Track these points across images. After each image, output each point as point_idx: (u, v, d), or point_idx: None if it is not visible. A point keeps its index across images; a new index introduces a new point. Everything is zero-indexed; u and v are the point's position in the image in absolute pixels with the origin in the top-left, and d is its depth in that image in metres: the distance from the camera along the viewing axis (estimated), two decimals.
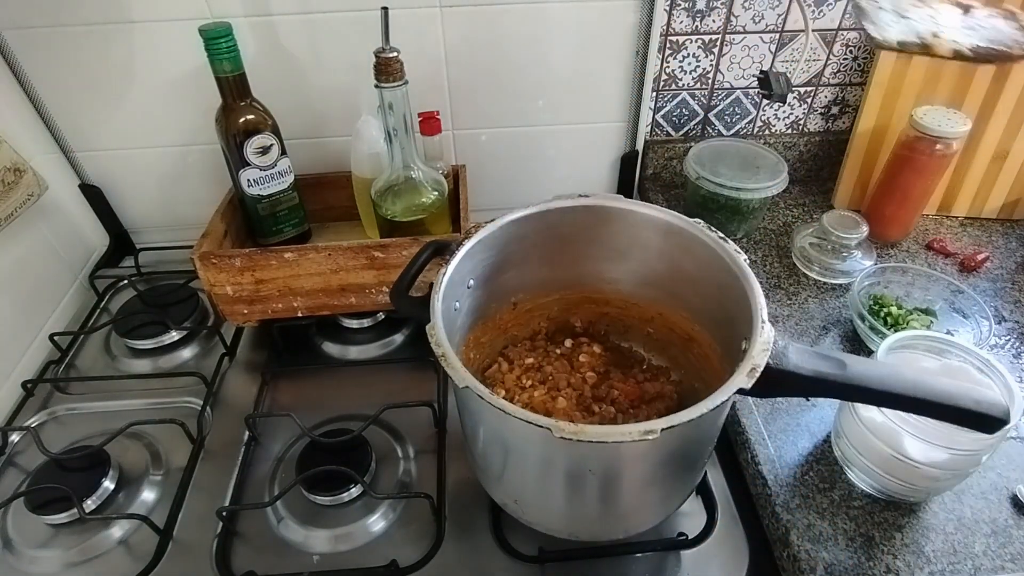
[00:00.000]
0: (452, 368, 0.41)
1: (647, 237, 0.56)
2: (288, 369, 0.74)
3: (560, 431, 0.36)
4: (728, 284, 0.49)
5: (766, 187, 0.77)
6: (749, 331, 0.44)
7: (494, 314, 0.60)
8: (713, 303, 0.53)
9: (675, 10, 0.79)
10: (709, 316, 0.55)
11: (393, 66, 0.62)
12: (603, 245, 0.58)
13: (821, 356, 0.42)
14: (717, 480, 0.61)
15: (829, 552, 0.50)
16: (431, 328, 0.43)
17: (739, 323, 0.47)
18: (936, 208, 0.87)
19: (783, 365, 0.41)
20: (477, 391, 0.39)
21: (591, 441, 0.37)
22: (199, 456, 0.64)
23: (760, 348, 0.41)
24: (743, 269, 0.48)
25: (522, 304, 0.61)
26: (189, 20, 0.70)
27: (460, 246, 0.50)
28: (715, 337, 0.55)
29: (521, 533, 0.55)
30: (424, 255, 0.52)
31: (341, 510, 0.59)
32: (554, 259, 0.59)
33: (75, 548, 0.57)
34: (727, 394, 0.39)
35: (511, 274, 0.58)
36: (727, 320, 0.50)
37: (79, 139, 0.81)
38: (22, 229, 0.76)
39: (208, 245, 0.69)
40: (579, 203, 0.55)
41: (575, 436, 0.36)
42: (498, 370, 0.62)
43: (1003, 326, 0.70)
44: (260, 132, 0.70)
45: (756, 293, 0.46)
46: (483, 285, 0.55)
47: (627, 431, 0.36)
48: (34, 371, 0.74)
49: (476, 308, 0.56)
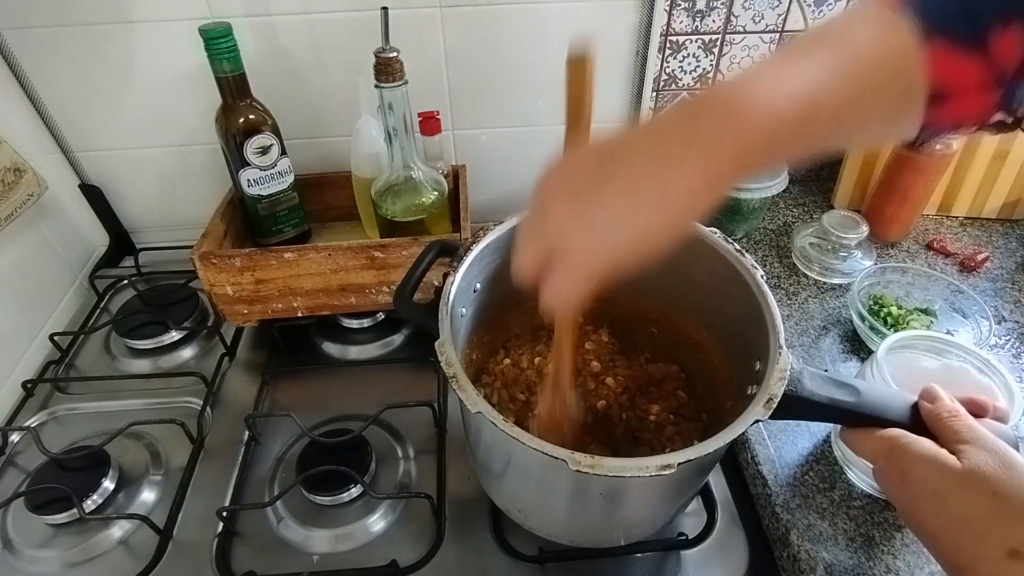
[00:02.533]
0: (464, 391, 0.40)
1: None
2: (288, 369, 0.74)
3: (576, 464, 0.36)
4: (741, 299, 0.48)
5: (766, 187, 0.77)
6: (763, 352, 0.43)
7: (498, 314, 0.59)
8: (723, 314, 0.52)
9: (675, 10, 0.79)
10: (719, 326, 0.54)
11: (393, 66, 0.62)
12: None
13: (835, 383, 0.42)
14: (717, 480, 0.61)
15: (829, 552, 0.50)
16: (440, 346, 0.42)
17: (751, 340, 0.46)
18: (936, 208, 0.87)
19: (798, 392, 0.41)
20: (490, 417, 0.38)
21: (607, 476, 0.36)
22: (199, 456, 0.64)
23: (777, 377, 0.40)
24: (760, 286, 0.47)
25: (526, 303, 0.61)
26: (189, 20, 0.70)
27: (468, 251, 0.49)
28: (722, 347, 0.54)
29: (521, 533, 0.55)
30: (428, 257, 0.51)
31: (341, 510, 0.59)
32: None
33: (75, 548, 0.57)
34: (744, 427, 0.38)
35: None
36: (738, 333, 0.49)
37: (79, 139, 0.81)
38: (22, 229, 0.76)
39: (208, 245, 0.69)
40: None
41: (591, 470, 0.36)
42: (497, 361, 0.61)
43: (1003, 326, 0.70)
44: (260, 132, 0.70)
45: (774, 315, 0.44)
46: (489, 288, 0.54)
47: (644, 465, 0.36)
48: (34, 371, 0.74)
49: (481, 310, 0.56)
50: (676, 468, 0.36)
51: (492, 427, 0.38)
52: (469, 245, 0.50)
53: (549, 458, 0.37)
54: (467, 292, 0.50)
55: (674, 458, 0.36)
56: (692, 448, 0.37)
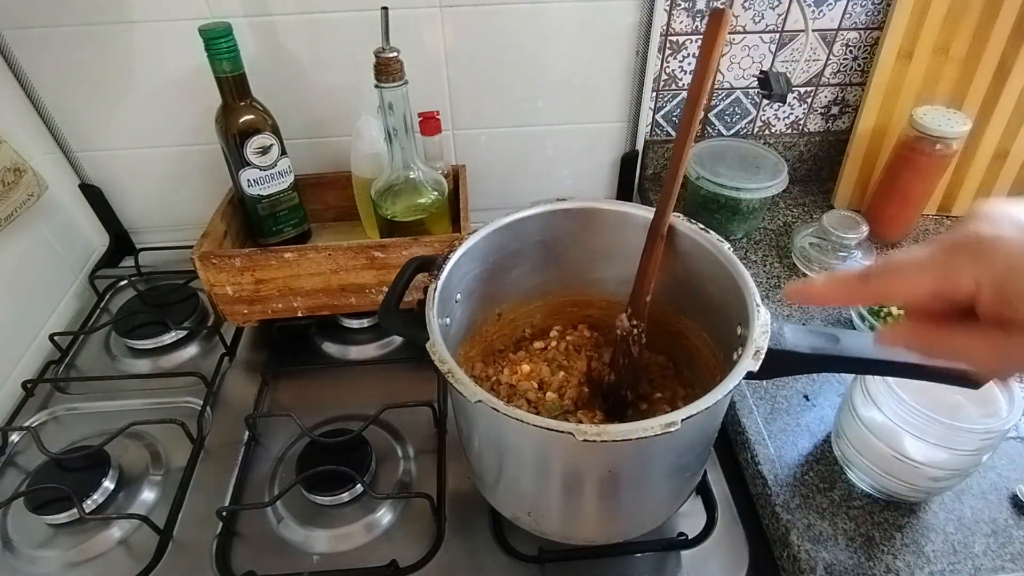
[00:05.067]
0: (461, 383, 0.40)
1: (627, 236, 0.55)
2: (288, 369, 0.74)
3: (583, 434, 0.36)
4: (715, 274, 0.50)
5: (766, 187, 0.77)
6: (743, 317, 0.45)
7: (480, 327, 0.60)
8: (701, 295, 0.53)
9: (675, 10, 0.79)
10: (697, 308, 0.55)
11: (393, 66, 0.62)
12: (584, 247, 0.58)
13: (815, 332, 0.44)
14: (717, 480, 0.61)
15: (829, 552, 0.50)
16: (431, 346, 0.43)
17: (731, 310, 0.48)
18: (936, 208, 0.87)
19: (782, 345, 0.42)
20: (491, 404, 0.39)
21: (615, 440, 0.37)
22: (199, 456, 0.64)
23: (760, 331, 0.42)
24: (728, 257, 0.49)
25: (506, 315, 0.61)
26: (189, 20, 0.70)
27: (447, 260, 0.50)
28: (704, 328, 0.55)
29: (521, 533, 0.55)
30: (407, 273, 0.51)
31: (341, 510, 0.59)
32: (537, 265, 0.59)
33: (75, 548, 0.57)
34: (738, 378, 0.40)
35: (495, 284, 0.58)
36: (716, 309, 0.51)
37: (79, 139, 0.81)
38: (22, 229, 0.76)
39: (208, 245, 0.69)
40: (557, 207, 0.55)
41: (598, 437, 0.36)
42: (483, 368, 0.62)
43: None
44: (260, 132, 0.70)
45: (745, 278, 0.47)
46: (469, 298, 0.55)
47: (648, 426, 0.37)
48: (34, 371, 0.74)
49: (464, 321, 0.56)
50: (680, 425, 0.37)
51: (494, 415, 0.39)
52: (447, 253, 0.50)
53: (555, 433, 0.37)
54: (449, 301, 0.51)
55: (677, 415, 0.37)
56: (693, 404, 0.38)
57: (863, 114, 0.82)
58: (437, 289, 0.48)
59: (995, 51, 0.74)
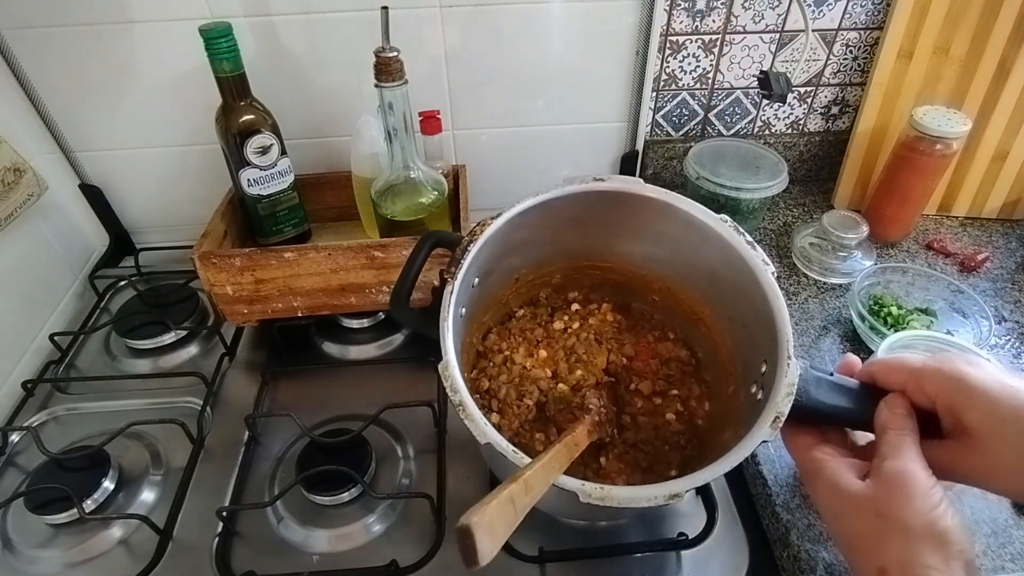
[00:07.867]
0: (472, 421, 0.40)
1: (664, 225, 0.53)
2: (288, 369, 0.74)
3: (587, 497, 0.37)
4: (748, 290, 0.47)
5: (766, 187, 0.77)
6: (771, 355, 0.43)
7: (496, 292, 0.58)
8: (729, 302, 0.51)
9: (675, 10, 0.79)
10: (722, 310, 0.54)
11: (393, 66, 0.62)
12: (615, 225, 0.56)
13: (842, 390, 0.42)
14: (717, 480, 0.61)
15: (829, 552, 0.50)
16: (444, 369, 0.42)
17: (756, 335, 0.46)
18: (936, 208, 0.87)
19: (804, 401, 0.40)
20: (500, 449, 0.38)
21: (617, 507, 0.37)
22: (199, 456, 0.64)
23: (784, 393, 0.40)
24: (772, 286, 0.45)
25: (524, 277, 0.60)
26: (189, 20, 0.70)
27: (466, 253, 0.47)
28: (725, 330, 0.54)
29: (521, 533, 0.55)
30: (423, 250, 0.49)
31: (341, 510, 0.59)
32: (561, 239, 0.57)
33: (75, 548, 0.57)
34: (750, 449, 0.38)
35: (516, 258, 0.56)
36: (742, 322, 0.49)
37: (79, 139, 0.81)
38: (22, 229, 0.76)
39: (208, 245, 0.69)
40: (592, 188, 0.52)
41: (602, 502, 0.36)
42: (497, 340, 0.60)
43: (1003, 326, 0.70)
44: (260, 132, 0.70)
45: (783, 320, 0.43)
46: (487, 277, 0.53)
47: (653, 495, 0.37)
48: (34, 371, 0.74)
49: (480, 297, 0.55)
50: (683, 496, 0.37)
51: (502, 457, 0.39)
52: (466, 246, 0.48)
53: (559, 490, 0.38)
54: (466, 290, 0.49)
55: (680, 486, 0.37)
56: (699, 473, 0.38)
57: (863, 114, 0.82)
58: (453, 292, 0.45)
59: (995, 51, 0.74)
